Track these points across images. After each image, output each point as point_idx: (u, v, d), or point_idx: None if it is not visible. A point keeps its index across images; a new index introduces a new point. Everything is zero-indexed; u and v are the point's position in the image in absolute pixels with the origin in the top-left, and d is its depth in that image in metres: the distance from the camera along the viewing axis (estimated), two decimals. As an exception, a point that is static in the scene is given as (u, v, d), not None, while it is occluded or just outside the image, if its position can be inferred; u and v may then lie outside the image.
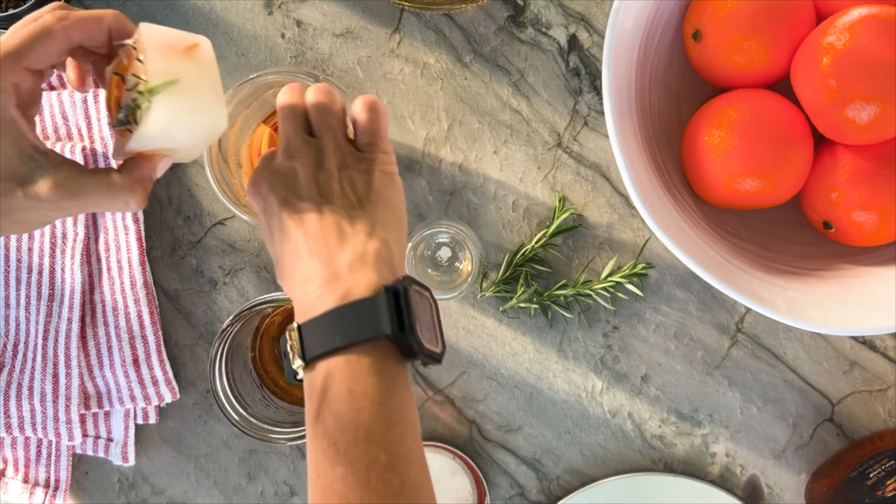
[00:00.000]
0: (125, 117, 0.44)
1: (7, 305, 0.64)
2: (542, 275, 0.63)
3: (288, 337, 0.43)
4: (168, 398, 0.63)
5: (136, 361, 0.63)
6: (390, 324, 0.41)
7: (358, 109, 0.48)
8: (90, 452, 0.64)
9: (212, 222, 0.64)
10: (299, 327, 0.42)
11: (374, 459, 0.39)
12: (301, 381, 0.43)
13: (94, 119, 0.64)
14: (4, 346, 0.64)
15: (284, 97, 0.48)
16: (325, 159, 0.46)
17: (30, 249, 0.64)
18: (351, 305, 0.41)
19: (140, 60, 0.43)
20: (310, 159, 0.46)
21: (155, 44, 0.44)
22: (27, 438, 0.65)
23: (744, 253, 0.56)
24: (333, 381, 0.40)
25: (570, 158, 0.63)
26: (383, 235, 0.45)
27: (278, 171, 0.46)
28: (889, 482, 0.57)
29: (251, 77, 0.54)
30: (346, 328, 0.41)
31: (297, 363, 0.42)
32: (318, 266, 0.43)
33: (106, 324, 0.63)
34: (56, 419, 0.62)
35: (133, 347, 0.63)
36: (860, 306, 0.53)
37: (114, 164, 0.62)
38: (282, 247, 0.45)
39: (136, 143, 0.44)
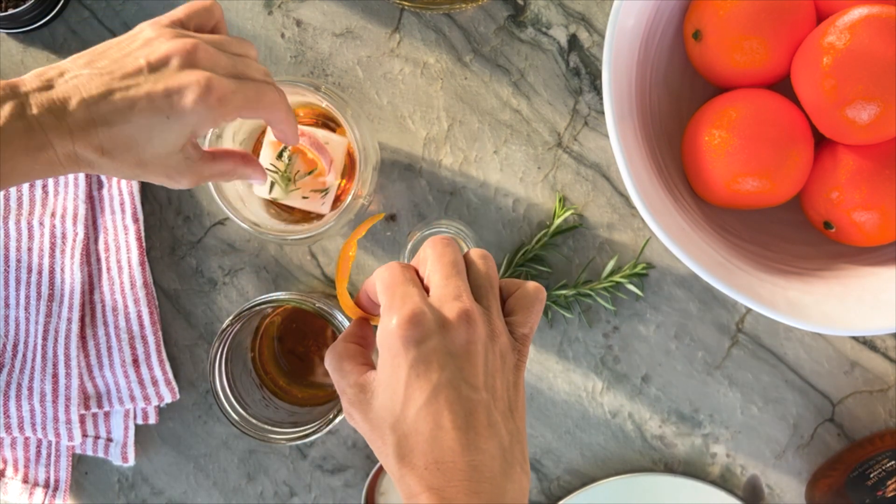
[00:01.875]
0: (286, 175, 0.57)
1: (7, 305, 0.64)
2: (543, 275, 0.63)
3: None
4: (168, 398, 0.63)
5: (135, 361, 0.63)
6: None
7: (528, 295, 0.43)
8: (90, 452, 0.64)
9: (211, 222, 0.64)
10: None
11: None
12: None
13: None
14: (4, 346, 0.64)
15: (446, 246, 0.43)
16: (493, 339, 0.41)
17: (29, 249, 0.63)
18: None
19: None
20: (483, 333, 0.40)
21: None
22: (27, 438, 0.65)
23: (744, 253, 0.56)
24: None
25: (570, 158, 0.63)
26: (527, 464, 0.41)
27: (452, 334, 0.40)
28: (889, 482, 0.57)
29: None
30: None
31: None
32: (477, 494, 0.38)
33: (106, 324, 0.63)
34: (56, 419, 0.62)
35: (133, 347, 0.63)
36: (861, 306, 0.53)
37: None
38: (430, 432, 0.39)
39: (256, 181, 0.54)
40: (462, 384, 0.39)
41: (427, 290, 0.42)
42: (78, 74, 0.44)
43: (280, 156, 0.57)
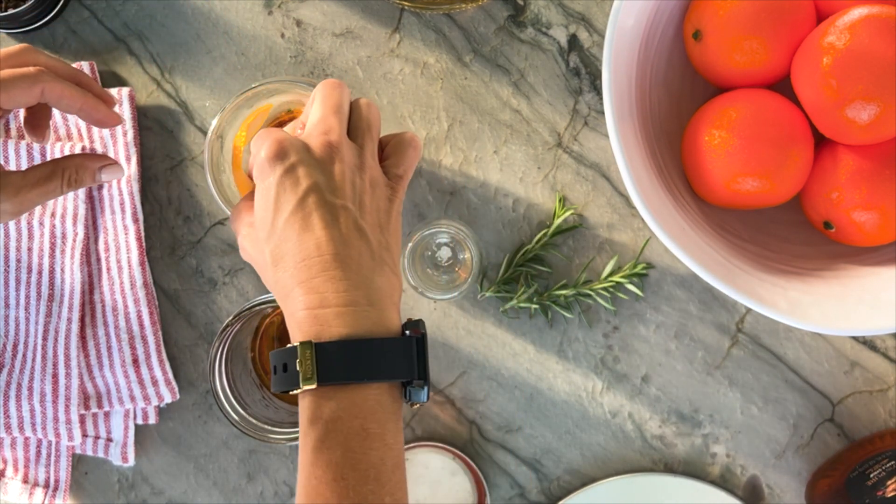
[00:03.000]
0: None
1: (7, 305, 0.64)
2: (543, 275, 0.63)
3: (298, 353, 0.39)
4: (168, 398, 0.63)
5: (135, 361, 0.63)
6: (417, 368, 0.40)
7: (403, 141, 0.47)
8: (90, 453, 0.64)
9: (212, 222, 0.64)
10: (315, 346, 0.39)
11: (381, 502, 0.39)
12: (287, 392, 0.41)
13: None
14: (4, 346, 0.64)
15: (333, 89, 0.45)
16: (363, 168, 0.43)
17: (29, 249, 0.63)
18: (385, 341, 0.40)
19: None
20: (350, 161, 0.43)
21: None
22: (27, 438, 0.65)
23: (744, 253, 0.56)
24: (347, 413, 0.39)
25: (570, 158, 0.63)
26: (398, 270, 0.43)
27: (316, 156, 0.42)
28: (889, 482, 0.57)
29: (253, 86, 0.54)
30: (374, 363, 0.39)
31: (308, 385, 0.39)
32: (344, 280, 0.40)
33: (106, 324, 0.63)
34: (56, 419, 0.62)
35: (133, 347, 0.63)
36: (861, 306, 0.53)
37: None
38: (297, 235, 0.41)
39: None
40: (327, 192, 0.41)
41: None
42: None
43: None
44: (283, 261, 0.41)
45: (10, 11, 0.62)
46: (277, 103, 0.58)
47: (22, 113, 0.55)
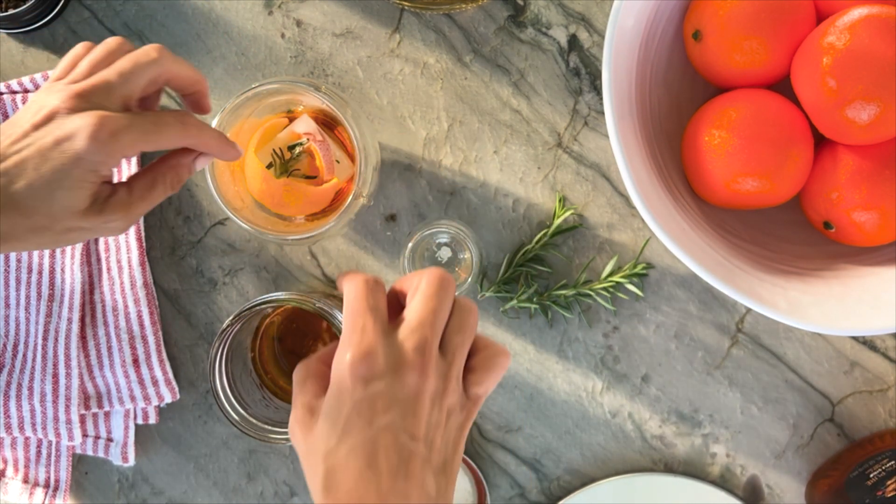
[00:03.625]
0: (285, 165, 0.58)
1: (7, 305, 0.64)
2: (543, 275, 0.63)
3: None
4: (168, 398, 0.63)
5: (136, 361, 0.63)
6: None
7: (494, 356, 0.43)
8: (90, 452, 0.64)
9: (212, 222, 0.64)
10: None
11: None
12: None
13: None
14: (4, 346, 0.64)
15: (439, 289, 0.42)
16: (444, 395, 0.41)
17: (30, 249, 0.64)
18: None
19: None
20: (434, 388, 0.40)
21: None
22: (27, 438, 0.65)
23: (744, 253, 0.56)
24: None
25: (570, 158, 0.63)
26: None
27: (403, 382, 0.40)
28: (889, 482, 0.57)
29: (253, 86, 0.54)
30: None
31: None
32: None
33: (106, 324, 0.63)
34: (56, 419, 0.62)
35: (133, 347, 0.63)
36: (861, 306, 0.53)
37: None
38: (359, 471, 0.39)
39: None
40: (401, 433, 0.39)
41: (400, 305, 0.42)
42: None
43: (292, 147, 0.57)
44: (334, 491, 0.39)
45: (11, 11, 0.62)
46: (286, 132, 0.58)
47: None
